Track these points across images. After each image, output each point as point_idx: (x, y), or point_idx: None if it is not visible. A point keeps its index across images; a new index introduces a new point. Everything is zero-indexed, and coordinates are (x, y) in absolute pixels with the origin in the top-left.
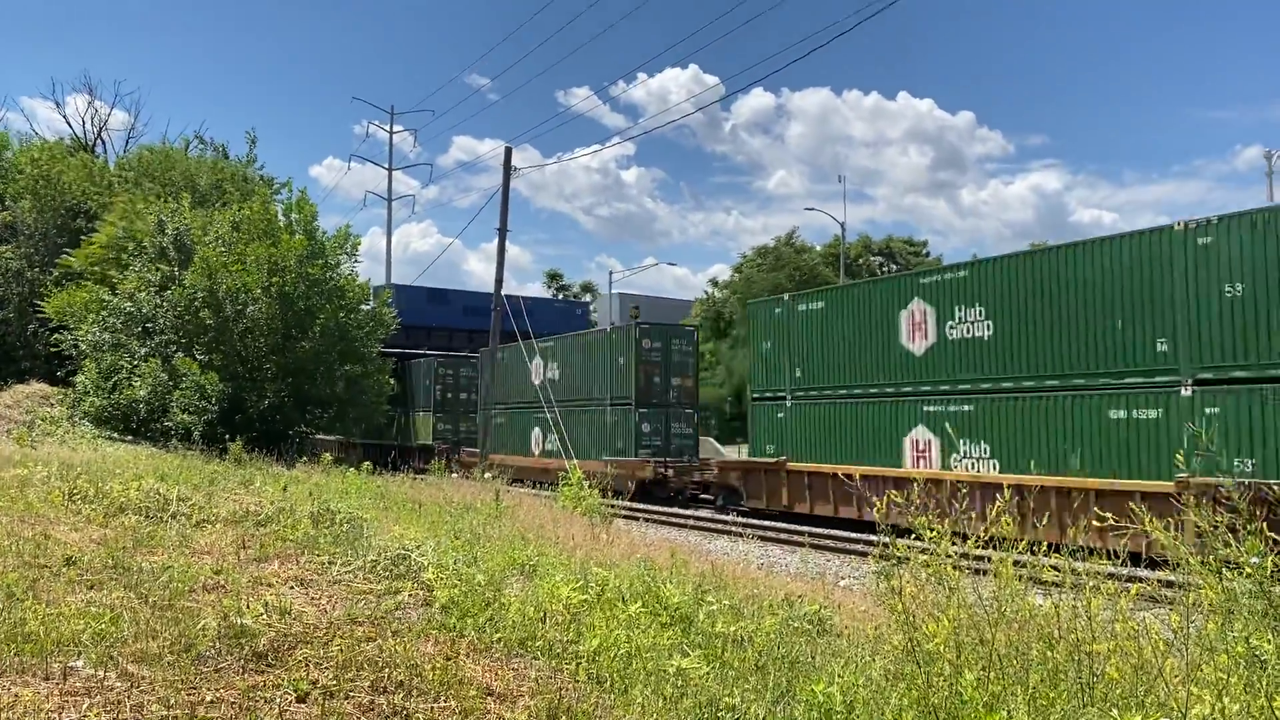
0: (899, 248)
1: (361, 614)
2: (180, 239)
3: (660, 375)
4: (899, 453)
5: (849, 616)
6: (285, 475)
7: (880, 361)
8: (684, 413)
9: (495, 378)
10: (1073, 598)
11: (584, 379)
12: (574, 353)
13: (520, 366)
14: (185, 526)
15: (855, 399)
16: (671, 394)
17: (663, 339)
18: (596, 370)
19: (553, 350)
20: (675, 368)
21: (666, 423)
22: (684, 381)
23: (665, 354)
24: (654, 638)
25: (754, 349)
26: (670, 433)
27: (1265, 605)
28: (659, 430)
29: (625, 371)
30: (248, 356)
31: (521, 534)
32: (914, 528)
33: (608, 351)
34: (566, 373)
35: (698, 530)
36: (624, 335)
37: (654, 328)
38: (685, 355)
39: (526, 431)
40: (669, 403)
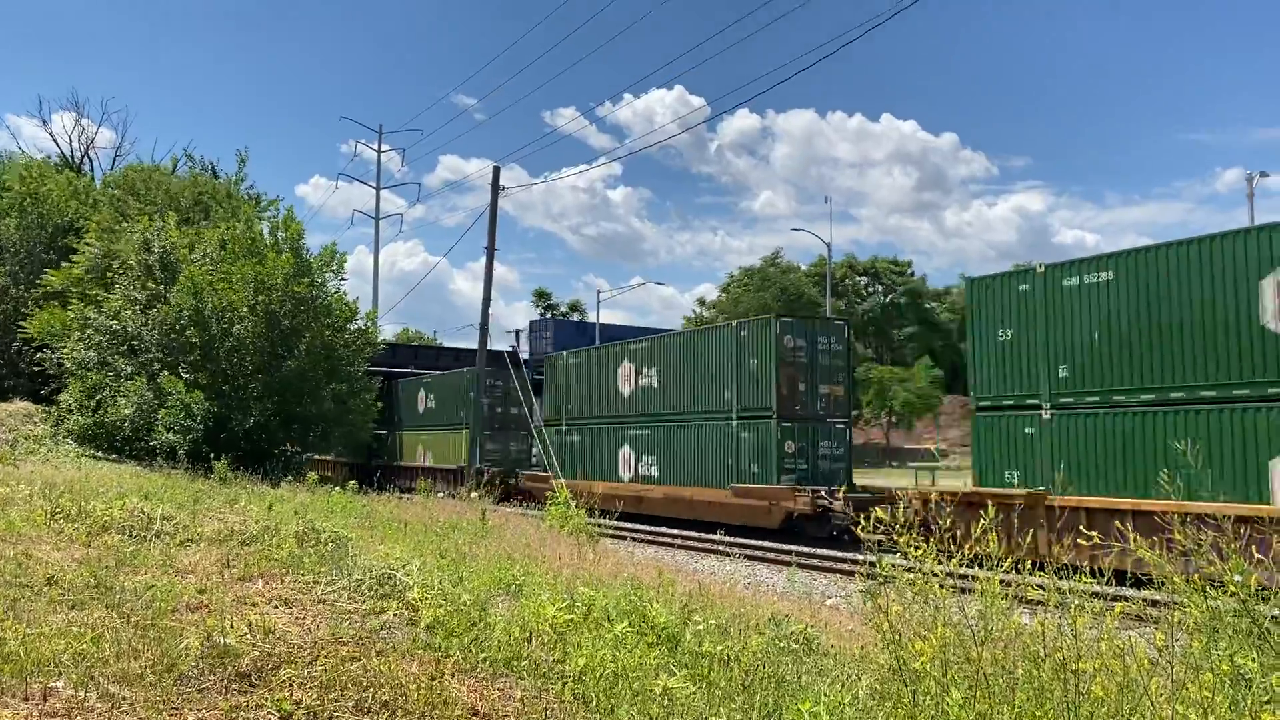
0: (884, 268)
1: (346, 633)
2: (166, 257)
3: (806, 381)
4: (1262, 482)
5: (836, 635)
6: (270, 494)
7: (1225, 350)
8: (834, 428)
9: (564, 387)
10: (1058, 616)
11: (698, 387)
12: (681, 355)
13: (601, 373)
14: (169, 545)
15: (1171, 405)
16: (819, 404)
17: (807, 336)
18: (716, 376)
19: (648, 353)
20: (824, 372)
21: (813, 440)
22: (834, 390)
23: (811, 354)
24: (640, 657)
25: (974, 340)
26: (817, 453)
27: (1249, 624)
28: (804, 450)
29: (761, 377)
30: (233, 375)
31: (508, 553)
32: (899, 546)
33: (735, 353)
34: (670, 380)
35: (685, 550)
36: (760, 331)
37: (797, 322)
38: (835, 356)
39: (612, 451)
40: (816, 415)
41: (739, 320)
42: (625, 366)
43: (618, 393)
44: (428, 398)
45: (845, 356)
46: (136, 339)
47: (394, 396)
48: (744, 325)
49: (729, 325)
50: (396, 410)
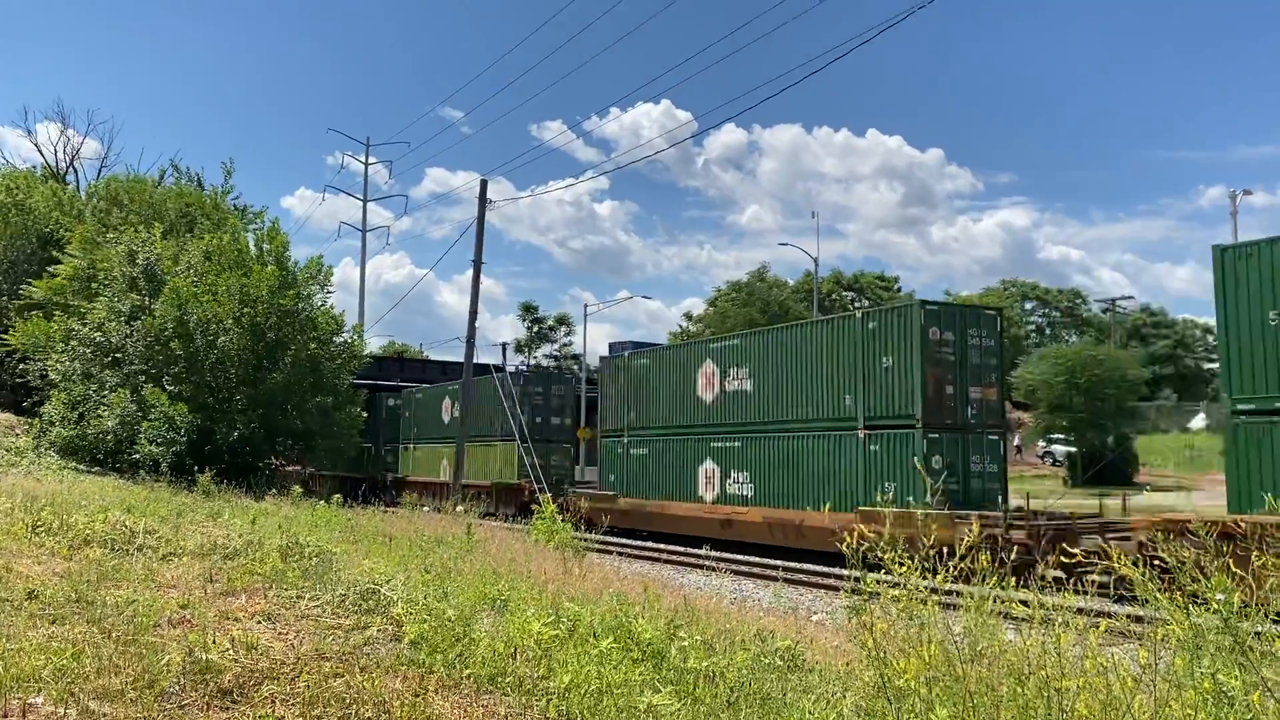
0: (870, 283)
1: (329, 649)
2: (151, 269)
3: (955, 383)
4: None
5: (821, 652)
6: (254, 508)
7: None
8: (987, 439)
9: (627, 394)
10: (1042, 633)
11: (807, 391)
12: (782, 354)
13: (676, 377)
14: (151, 560)
15: None
16: (970, 410)
17: (956, 327)
18: (834, 377)
19: (738, 351)
20: (974, 371)
21: (964, 454)
22: (986, 392)
23: (960, 350)
24: (625, 673)
25: (1228, 325)
26: (969, 469)
27: (1232, 641)
28: (954, 466)
29: (900, 378)
30: (218, 388)
31: (493, 568)
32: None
33: (861, 349)
34: (767, 382)
35: (671, 564)
36: (897, 323)
37: (945, 310)
38: (988, 352)
39: (690, 467)
40: (967, 423)
41: (867, 309)
42: (707, 368)
43: (697, 399)
44: (454, 406)
45: (998, 353)
46: (120, 351)
47: (407, 407)
48: (874, 315)
49: (852, 316)
50: (407, 422)
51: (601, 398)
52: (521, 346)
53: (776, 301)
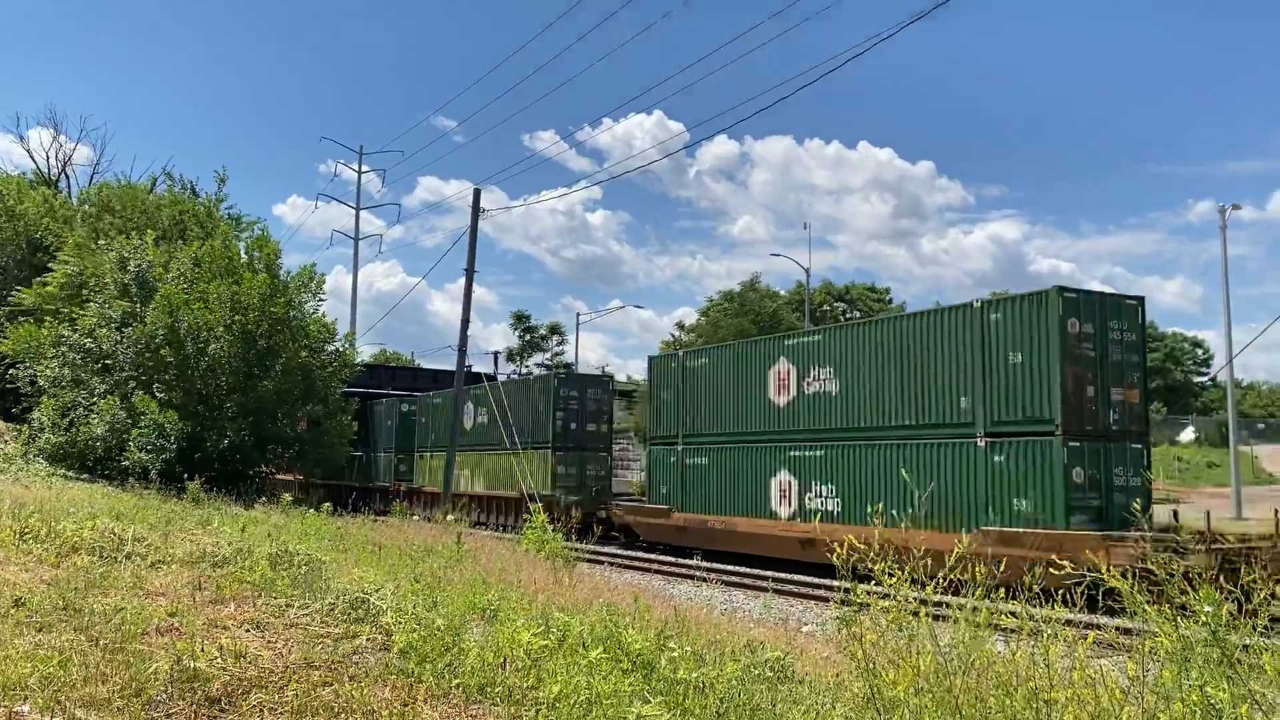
0: (861, 294)
1: (318, 658)
2: (142, 276)
3: (1096, 383)
4: None
5: (811, 663)
6: (244, 516)
7: None
8: (1130, 448)
9: (681, 397)
10: (1030, 645)
11: (910, 393)
12: (876, 350)
13: (742, 377)
14: (140, 567)
15: None
16: (1112, 415)
17: (1096, 320)
18: (944, 377)
19: (819, 348)
20: (1115, 370)
21: (1105, 465)
22: (1129, 394)
23: (1101, 345)
24: (615, 684)
25: None
26: (1110, 482)
27: (1220, 653)
28: (1095, 479)
29: (1031, 377)
30: (208, 395)
31: (483, 578)
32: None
33: (980, 344)
34: (857, 383)
35: (661, 574)
36: (1029, 313)
37: (1083, 297)
38: (1130, 348)
39: (760, 479)
40: (1108, 431)
41: (987, 299)
42: (781, 367)
43: (768, 402)
44: (478, 411)
45: (1140, 348)
46: (110, 357)
47: (423, 413)
48: (998, 305)
49: (969, 306)
50: (423, 429)
51: (651, 402)
52: (513, 355)
53: (769, 312)
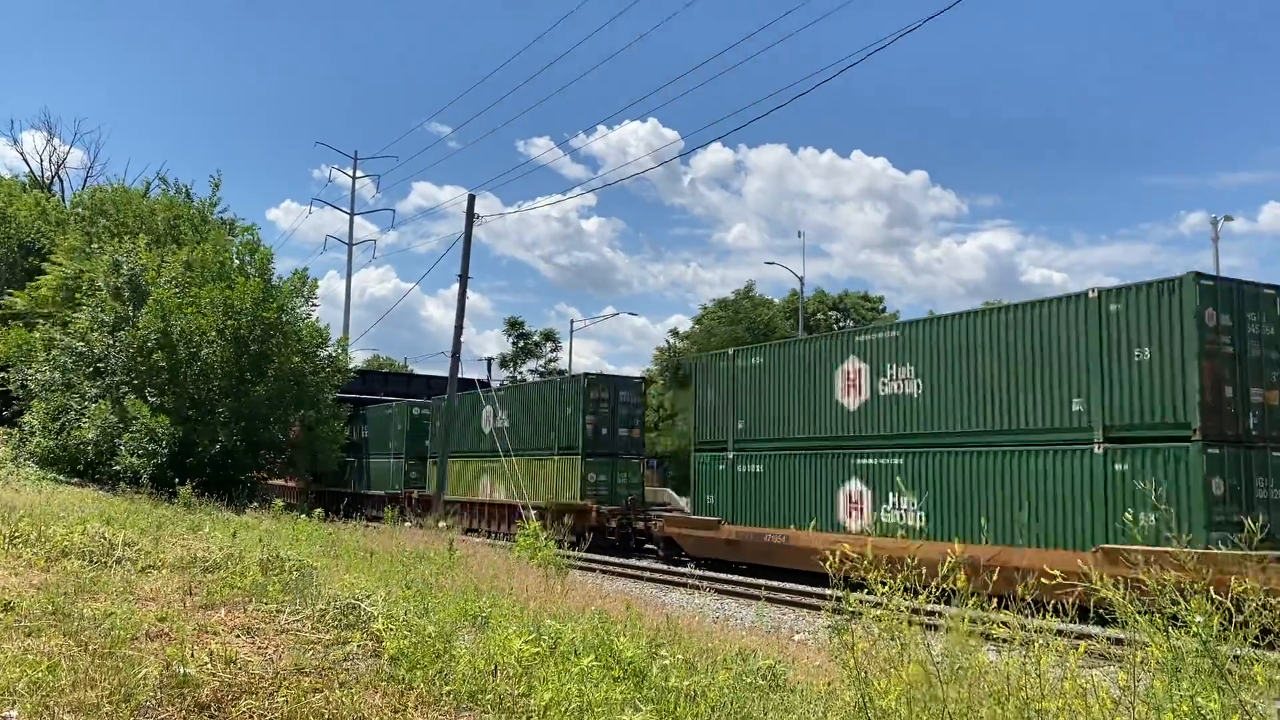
0: (855, 303)
1: (309, 664)
2: (135, 279)
3: (1234, 383)
4: None
5: (803, 671)
6: (235, 521)
7: None
8: (1272, 456)
9: (733, 399)
10: (1022, 655)
11: (1006, 393)
12: (966, 345)
13: (803, 378)
14: (130, 572)
15: None
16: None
17: (1235, 311)
18: (1050, 374)
19: (896, 345)
20: (1253, 367)
21: (1247, 474)
22: (1268, 396)
23: (1239, 340)
24: (606, 692)
25: None
26: (1253, 495)
27: (1211, 664)
28: (1236, 490)
29: (1161, 376)
30: (200, 400)
31: (475, 584)
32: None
33: (1095, 338)
34: (942, 383)
35: (653, 583)
36: (1160, 302)
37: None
38: (1269, 344)
39: (826, 488)
40: (1248, 436)
41: (1106, 288)
42: (851, 367)
43: (836, 405)
44: (498, 415)
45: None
46: (103, 361)
47: (438, 416)
48: (1118, 294)
49: (1083, 296)
50: (438, 434)
51: (696, 404)
52: (506, 362)
53: (763, 320)
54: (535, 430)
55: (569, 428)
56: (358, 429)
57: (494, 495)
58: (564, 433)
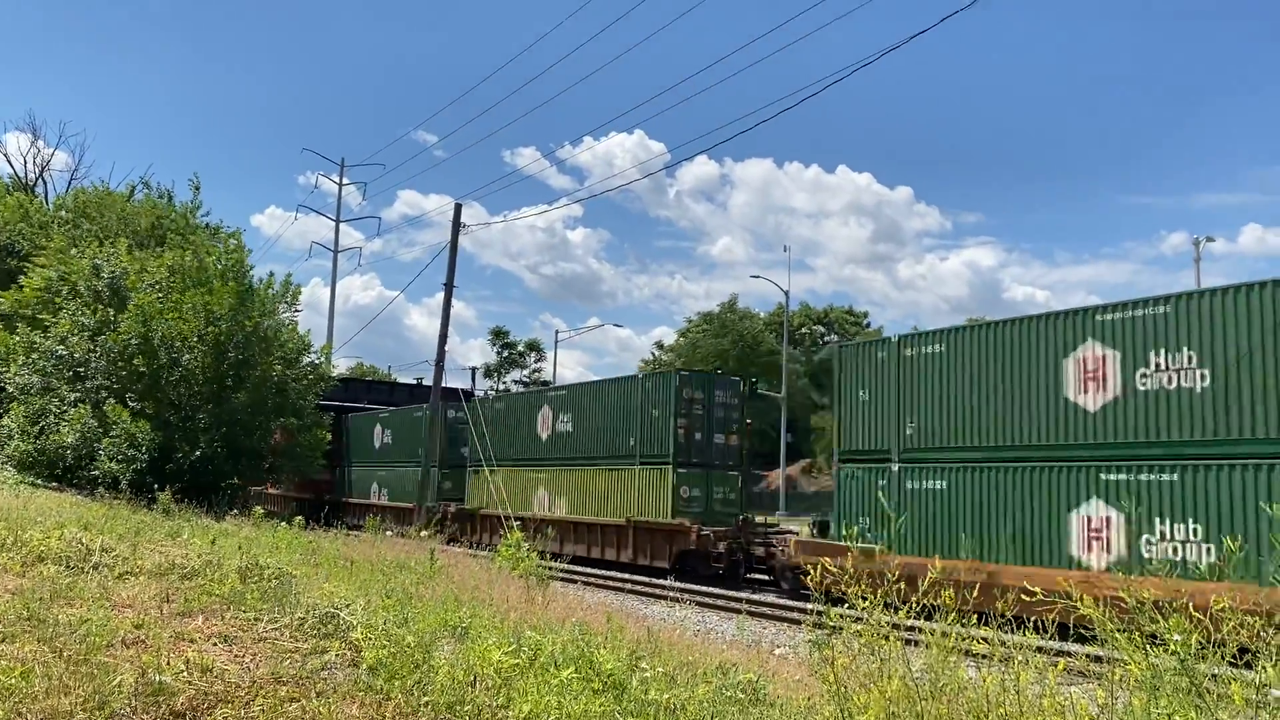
0: (839, 318)
1: (286, 673)
2: (116, 283)
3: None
4: None
5: (784, 685)
6: (215, 528)
7: None
8: None
9: (900, 399)
10: (1002, 670)
11: None
12: None
13: (1006, 369)
14: (107, 578)
15: None
16: None
17: None
18: None
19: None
20: None
21: None
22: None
23: None
24: (586, 704)
25: None
26: None
27: (1188, 682)
28: None
29: None
30: (181, 405)
31: (455, 595)
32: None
33: None
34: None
35: (635, 595)
36: None
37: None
38: None
39: (1050, 511)
40: None
41: None
42: (1090, 354)
43: (1065, 403)
44: (557, 418)
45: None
46: (83, 365)
47: (479, 415)
48: None
49: None
50: (470, 436)
51: (840, 405)
52: (491, 371)
53: (749, 333)
54: (615, 434)
55: (656, 432)
56: (341, 438)
57: (553, 510)
58: (649, 438)
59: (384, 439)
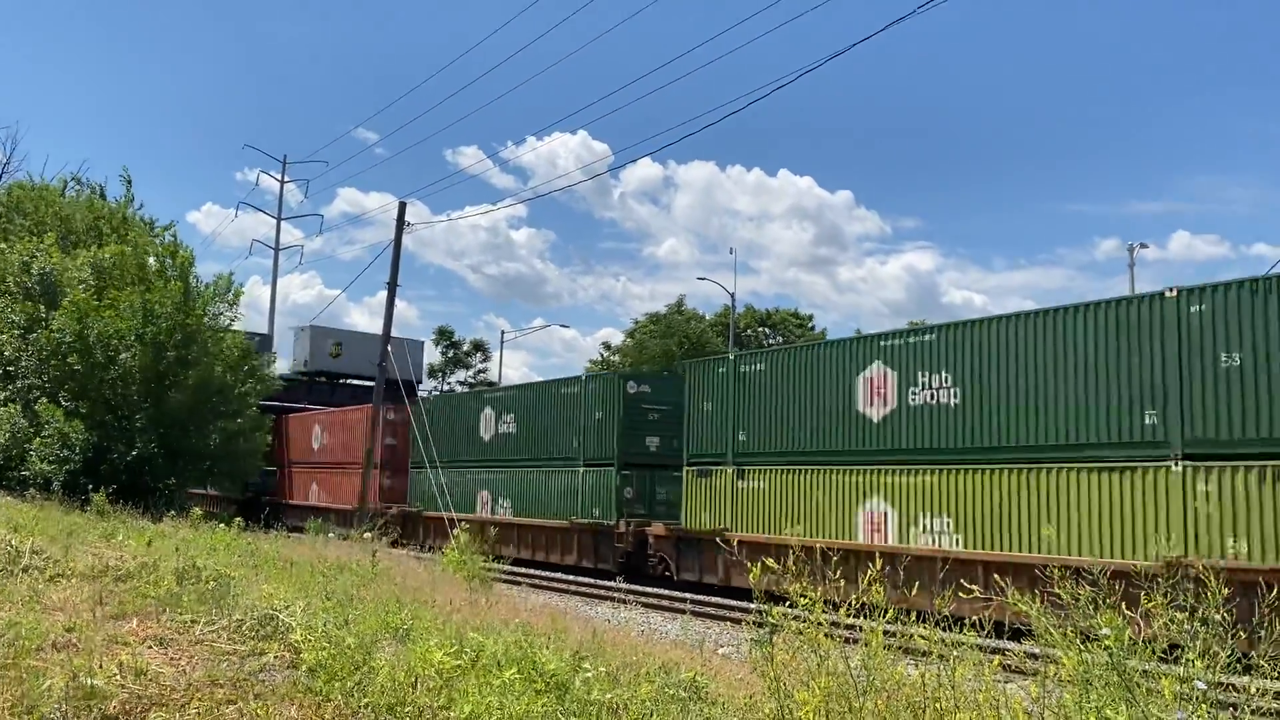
0: (784, 319)
1: (223, 675)
2: (46, 279)
3: None
4: None
5: (726, 684)
6: (151, 529)
7: None
8: None
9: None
10: (938, 668)
11: None
12: None
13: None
14: (37, 581)
15: None
16: None
17: None
18: None
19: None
20: None
21: None
22: None
23: None
24: (528, 705)
25: None
26: None
27: (1118, 677)
28: None
29: None
30: (117, 405)
31: (398, 597)
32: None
33: None
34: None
35: (579, 596)
36: None
37: None
38: None
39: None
40: None
41: None
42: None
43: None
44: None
45: None
46: (13, 364)
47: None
48: None
49: None
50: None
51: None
52: (435, 371)
53: (694, 334)
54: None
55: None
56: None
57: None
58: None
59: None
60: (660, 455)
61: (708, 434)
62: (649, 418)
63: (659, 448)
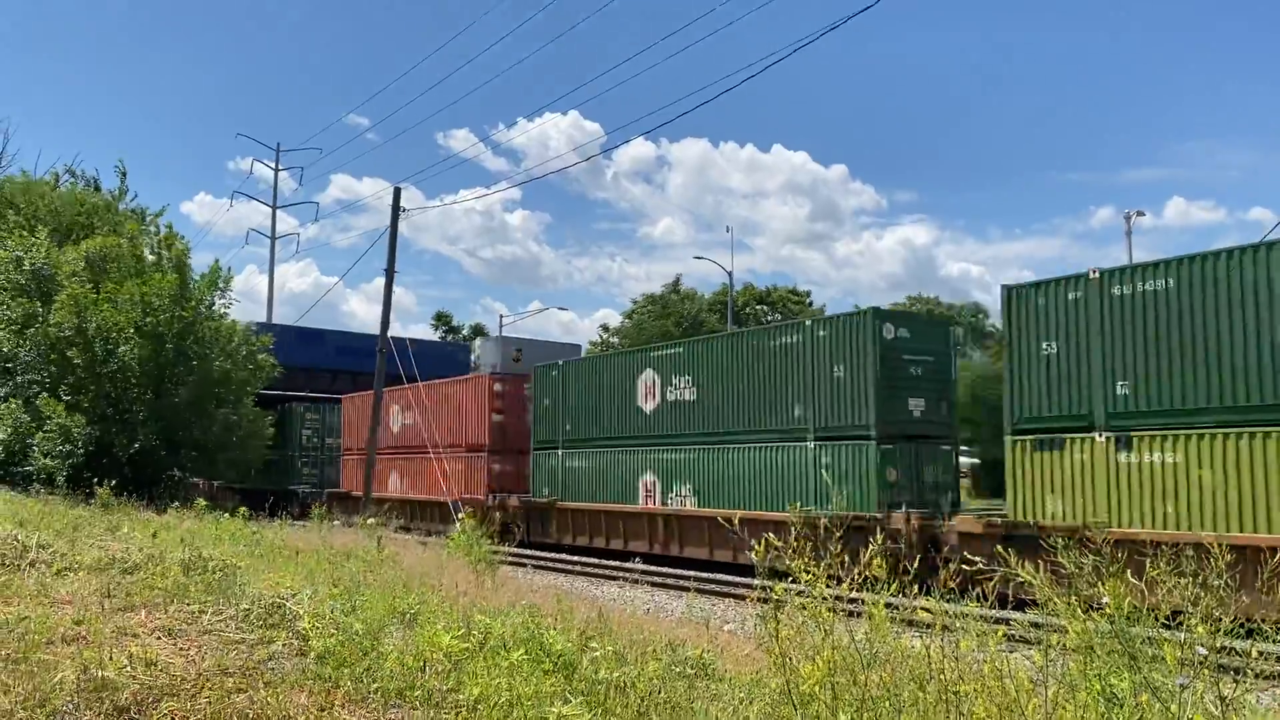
0: (783, 297)
1: (232, 664)
2: (39, 274)
3: None
4: None
5: (732, 660)
6: (156, 521)
7: None
8: None
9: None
10: (943, 639)
11: None
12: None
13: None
14: (45, 575)
15: None
16: None
17: None
18: None
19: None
20: None
21: None
22: None
23: None
24: (536, 685)
25: None
26: None
27: (1121, 645)
28: None
29: None
30: (117, 398)
31: (404, 581)
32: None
33: None
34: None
35: (585, 576)
36: None
37: None
38: None
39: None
40: None
41: None
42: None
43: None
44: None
45: None
46: (11, 360)
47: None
48: None
49: None
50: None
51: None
52: None
53: (691, 314)
54: None
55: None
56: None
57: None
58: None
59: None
60: (923, 423)
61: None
62: (910, 372)
63: (923, 413)
